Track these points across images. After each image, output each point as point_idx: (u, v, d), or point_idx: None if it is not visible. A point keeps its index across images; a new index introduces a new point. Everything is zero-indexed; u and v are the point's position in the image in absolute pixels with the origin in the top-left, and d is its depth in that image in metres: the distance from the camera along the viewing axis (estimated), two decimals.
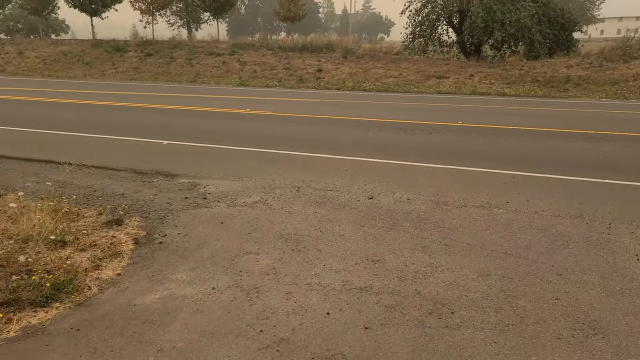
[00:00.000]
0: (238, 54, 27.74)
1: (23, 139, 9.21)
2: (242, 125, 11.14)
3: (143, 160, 7.75)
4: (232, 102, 15.72)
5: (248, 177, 6.88)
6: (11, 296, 3.32)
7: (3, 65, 29.21)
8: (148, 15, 34.67)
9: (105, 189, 6.35)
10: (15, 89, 18.06)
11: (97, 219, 5.14)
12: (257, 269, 4.03)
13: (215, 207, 5.67)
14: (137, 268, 4.07)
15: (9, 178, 6.72)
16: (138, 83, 23.03)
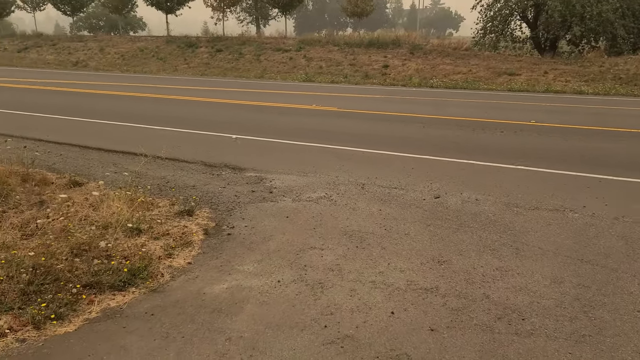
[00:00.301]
0: (304, 50, 27.98)
1: (103, 131, 9.75)
2: (308, 121, 11.24)
3: (213, 154, 7.99)
4: (298, 97, 15.89)
5: (313, 173, 6.94)
6: (93, 279, 3.53)
7: (86, 61, 31.06)
8: (219, 12, 35.68)
9: (177, 180, 6.61)
10: (97, 83, 19.16)
11: (169, 209, 5.36)
12: (321, 265, 4.06)
13: (280, 201, 5.76)
14: (207, 258, 4.21)
15: (91, 167, 7.15)
16: (208, 78, 23.78)
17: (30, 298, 3.23)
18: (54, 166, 7.11)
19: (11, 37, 38.81)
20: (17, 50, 34.66)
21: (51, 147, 8.22)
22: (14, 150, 7.26)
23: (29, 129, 9.51)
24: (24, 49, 34.71)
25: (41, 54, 33.53)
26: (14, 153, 7.09)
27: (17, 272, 3.46)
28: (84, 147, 8.35)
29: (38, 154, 7.60)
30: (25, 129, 9.46)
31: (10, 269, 3.51)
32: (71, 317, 3.15)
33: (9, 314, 3.06)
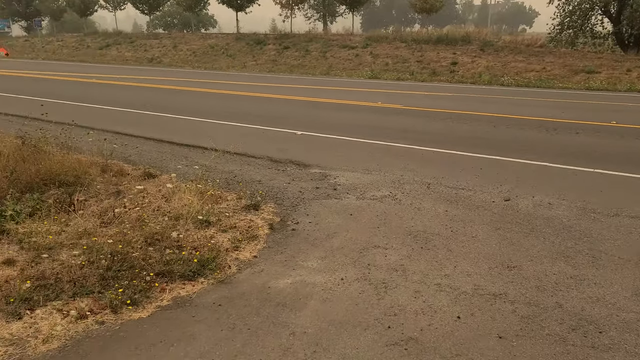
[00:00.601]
0: (371, 47, 27.82)
1: (175, 125, 10.15)
2: (373, 119, 11.17)
3: (278, 149, 8.12)
4: (363, 95, 15.83)
5: (377, 171, 6.89)
6: (165, 268, 3.69)
7: (160, 57, 32.46)
8: (287, 9, 36.17)
9: (244, 174, 6.77)
10: (170, 79, 19.96)
11: (237, 202, 5.50)
12: (385, 264, 4.03)
13: (344, 198, 5.76)
14: (272, 252, 4.28)
15: (164, 160, 7.46)
16: (275, 75, 24.18)
17: (108, 283, 3.42)
18: (130, 158, 7.48)
19: (94, 34, 41.21)
20: (98, 48, 36.75)
21: (128, 140, 8.66)
22: (95, 142, 7.71)
23: (109, 122, 10.05)
24: (105, 47, 36.75)
25: (120, 51, 35.37)
26: (95, 145, 7.52)
27: (97, 258, 3.67)
28: (158, 140, 8.72)
29: (116, 146, 8.02)
30: (105, 122, 10.01)
31: (91, 254, 3.73)
32: (145, 303, 3.31)
33: (90, 297, 3.26)
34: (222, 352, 2.82)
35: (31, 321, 2.98)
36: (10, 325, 2.93)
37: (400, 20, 64.63)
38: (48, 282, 3.36)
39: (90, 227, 4.52)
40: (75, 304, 3.16)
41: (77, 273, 3.48)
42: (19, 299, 3.12)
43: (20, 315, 3.00)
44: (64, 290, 3.29)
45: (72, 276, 3.43)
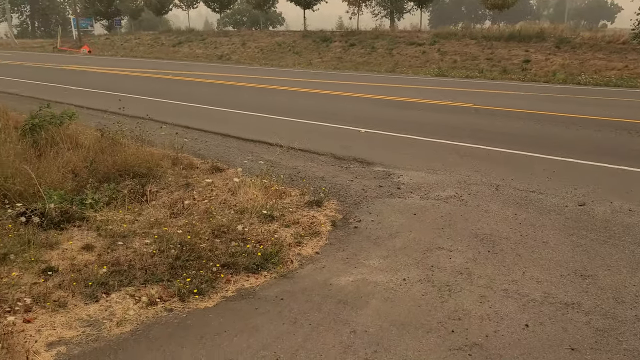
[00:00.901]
0: (439, 44, 27.23)
1: (242, 121, 10.40)
2: (439, 117, 10.93)
3: (342, 146, 8.12)
4: (429, 92, 15.53)
5: (442, 171, 6.74)
6: (230, 260, 3.79)
7: (229, 54, 33.35)
8: (354, 7, 36.08)
9: (308, 171, 6.82)
10: (238, 76, 20.48)
11: (300, 198, 5.55)
12: (449, 266, 3.93)
13: (408, 198, 5.67)
14: (334, 249, 4.29)
15: (230, 155, 7.66)
16: (340, 72, 24.20)
17: (177, 272, 3.55)
18: (199, 152, 7.73)
19: (168, 32, 42.95)
20: (172, 45, 38.28)
21: (198, 135, 8.96)
22: (167, 136, 8.04)
23: (180, 116, 10.44)
24: (177, 44, 38.22)
25: (192, 48, 36.66)
26: (167, 138, 7.85)
27: (167, 247, 3.83)
28: (225, 135, 8.96)
29: (186, 140, 8.32)
30: (177, 116, 10.41)
31: (162, 244, 3.89)
32: (210, 293, 3.41)
33: (160, 285, 3.40)
34: (284, 346, 2.86)
35: (106, 304, 3.15)
36: (88, 307, 3.11)
37: (470, 17, 62.75)
38: (122, 268, 3.53)
39: (161, 217, 4.72)
40: (147, 291, 3.31)
41: (148, 261, 3.64)
42: (96, 282, 3.31)
43: (97, 298, 3.18)
44: (136, 276, 3.45)
45: (143, 264, 3.60)
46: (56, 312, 3.01)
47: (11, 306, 2.96)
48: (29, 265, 3.46)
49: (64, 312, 3.03)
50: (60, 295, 3.18)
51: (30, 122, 7.29)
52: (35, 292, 3.14)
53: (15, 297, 3.06)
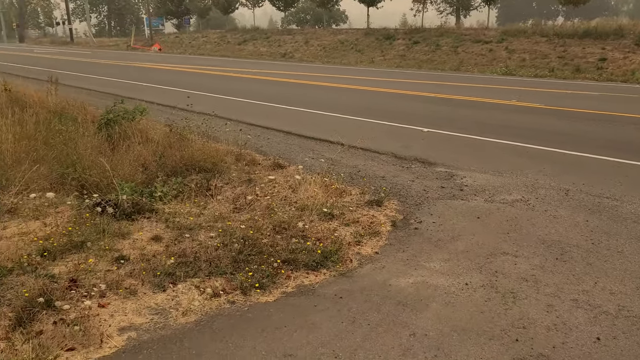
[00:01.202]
0: (507, 42, 26.30)
1: (303, 119, 10.50)
2: (505, 117, 10.57)
3: (403, 146, 8.03)
4: (495, 92, 15.05)
5: (508, 173, 6.52)
6: (290, 256, 3.84)
7: (292, 52, 33.75)
8: (419, 4, 35.54)
9: (368, 170, 6.80)
10: (301, 74, 20.68)
11: (360, 197, 5.54)
12: (514, 272, 3.80)
13: (471, 200, 5.53)
14: (393, 250, 4.26)
15: (292, 152, 7.76)
16: (402, 70, 23.91)
17: (239, 266, 3.65)
18: (261, 149, 7.88)
19: (234, 31, 44.03)
20: (237, 43, 39.21)
21: (260, 131, 9.13)
22: (231, 133, 8.26)
23: (244, 114, 10.69)
24: (242, 42, 39.11)
25: (256, 46, 37.40)
26: (231, 135, 8.06)
27: (230, 241, 3.93)
28: (287, 132, 9.09)
29: (250, 137, 8.51)
30: (241, 113, 10.66)
31: (225, 237, 4.01)
32: (271, 288, 3.48)
33: (223, 277, 3.51)
34: (343, 345, 2.87)
35: (173, 294, 3.28)
36: (156, 296, 3.26)
37: (541, 13, 60.13)
38: (188, 259, 3.67)
39: (224, 212, 4.86)
40: (211, 283, 3.43)
41: (212, 254, 3.76)
42: (164, 272, 3.45)
43: (165, 287, 3.33)
44: (201, 268, 3.58)
45: (208, 256, 3.72)
46: (127, 299, 3.18)
47: (88, 291, 3.15)
48: (103, 253, 3.66)
49: (134, 300, 3.19)
50: (131, 283, 3.34)
51: (106, 117, 7.71)
52: (109, 279, 3.33)
53: (91, 283, 3.26)
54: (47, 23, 69.84)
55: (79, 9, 63.34)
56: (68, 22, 54.11)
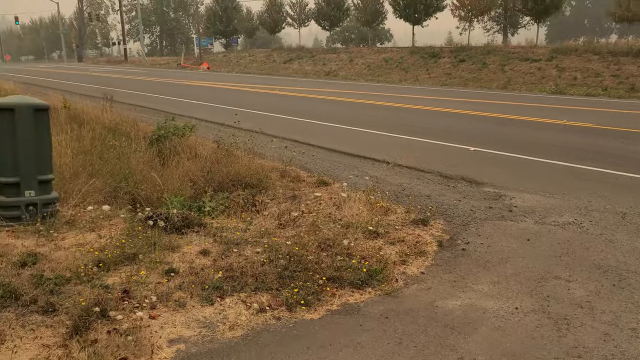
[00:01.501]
0: (557, 60, 25.67)
1: (347, 136, 10.54)
2: (557, 137, 10.27)
3: (449, 165, 7.92)
4: (545, 111, 14.66)
5: (559, 194, 6.31)
6: (335, 273, 3.83)
7: (337, 71, 34.05)
8: (465, 22, 35.25)
9: (413, 188, 6.74)
10: (345, 92, 20.81)
11: (405, 216, 5.49)
12: (567, 298, 3.66)
13: (521, 221, 5.39)
14: (440, 270, 4.18)
15: (335, 169, 7.78)
16: (448, 88, 23.68)
17: (285, 282, 3.67)
18: (305, 165, 7.95)
19: (279, 50, 44.90)
20: (282, 62, 39.94)
21: (305, 148, 9.22)
22: (277, 149, 8.39)
23: (289, 131, 10.83)
24: (288, 60, 39.80)
25: (301, 64, 37.97)
26: (276, 152, 8.19)
27: (276, 257, 3.97)
28: (331, 150, 9.14)
29: (295, 153, 8.61)
30: (286, 131, 10.80)
31: (271, 253, 4.04)
32: (316, 305, 3.47)
33: (269, 293, 3.53)
34: None
35: (220, 308, 3.33)
36: (204, 309, 3.32)
37: (593, 31, 58.35)
38: (235, 274, 3.72)
39: (269, 227, 4.92)
40: (257, 298, 3.46)
41: (258, 269, 3.80)
42: (212, 286, 3.51)
43: (212, 301, 3.38)
44: (247, 283, 3.62)
45: (254, 271, 3.76)
46: (176, 312, 3.25)
47: (139, 302, 3.24)
48: (154, 265, 3.76)
49: (183, 312, 3.25)
50: (180, 295, 3.42)
51: (157, 133, 7.99)
52: (159, 291, 3.41)
53: (142, 294, 3.35)
54: (103, 43, 73.35)
55: (134, 29, 66.26)
56: (123, 43, 56.62)
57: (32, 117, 4.62)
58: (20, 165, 4.57)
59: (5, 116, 4.53)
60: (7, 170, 4.57)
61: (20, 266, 3.64)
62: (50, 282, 3.34)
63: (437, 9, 34.20)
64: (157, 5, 69.53)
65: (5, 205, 4.58)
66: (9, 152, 4.55)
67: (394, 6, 35.05)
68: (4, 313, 3.04)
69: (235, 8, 51.59)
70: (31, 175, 4.62)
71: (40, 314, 3.05)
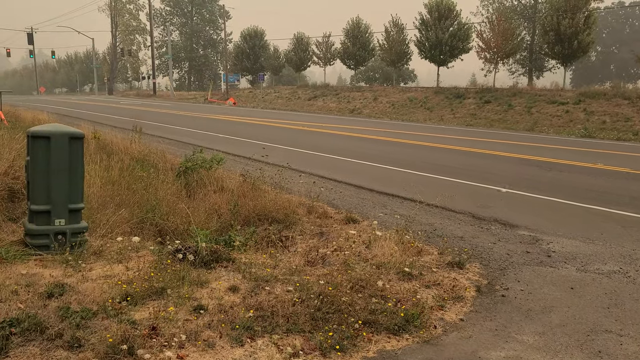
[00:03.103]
0: (584, 103, 25.39)
1: (374, 173, 10.41)
2: (591, 181, 9.98)
3: (481, 206, 7.71)
4: (577, 154, 14.37)
5: (600, 241, 6.04)
6: (370, 317, 3.64)
7: (361, 109, 34.25)
8: (491, 64, 35.35)
9: (445, 229, 6.53)
10: (368, 129, 20.80)
11: (438, 257, 5.29)
12: (621, 354, 3.40)
13: (561, 268, 5.13)
14: (480, 318, 3.96)
15: (364, 206, 7.63)
16: (473, 129, 23.52)
17: (317, 324, 3.48)
18: (333, 202, 7.82)
19: (304, 87, 45.54)
20: (307, 99, 40.42)
21: (332, 185, 9.11)
22: (304, 185, 8.30)
23: (316, 166, 10.76)
24: (312, 98, 40.27)
25: (325, 102, 38.36)
26: (303, 187, 8.10)
27: (307, 297, 3.79)
28: (359, 187, 9.00)
29: (322, 189, 8.51)
30: (313, 166, 10.73)
31: (302, 292, 3.87)
32: (352, 351, 3.27)
33: (302, 336, 3.35)
34: None
35: (251, 350, 3.15)
36: (234, 351, 3.14)
37: (620, 76, 57.93)
38: (265, 313, 3.55)
39: (298, 264, 4.75)
40: (289, 341, 3.28)
41: (290, 309, 3.63)
42: (242, 326, 3.35)
43: (242, 342, 3.21)
44: (279, 324, 3.44)
45: (285, 311, 3.59)
46: (205, 352, 3.08)
47: (167, 340, 3.09)
48: (182, 301, 3.62)
49: (213, 353, 3.09)
50: (209, 335, 3.26)
51: (185, 165, 7.99)
52: (187, 329, 3.26)
53: (170, 332, 3.20)
54: (134, 77, 75.53)
55: (164, 65, 68.16)
56: (152, 77, 58.21)
57: (67, 145, 4.62)
58: (52, 193, 4.54)
59: (40, 144, 4.54)
60: (40, 197, 4.54)
61: (47, 297, 3.53)
62: (76, 316, 3.22)
63: (462, 50, 34.42)
64: (187, 42, 71.61)
65: (35, 234, 4.53)
66: (43, 179, 4.53)
67: (420, 47, 35.39)
68: (29, 347, 2.91)
69: (262, 46, 52.78)
70: (62, 203, 4.58)
71: (66, 349, 2.92)
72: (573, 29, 27.78)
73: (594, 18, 29.16)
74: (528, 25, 42.67)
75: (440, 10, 33.65)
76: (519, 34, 35.14)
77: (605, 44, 65.52)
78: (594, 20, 29.02)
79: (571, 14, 28.00)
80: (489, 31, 33.49)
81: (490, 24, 33.95)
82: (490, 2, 45.35)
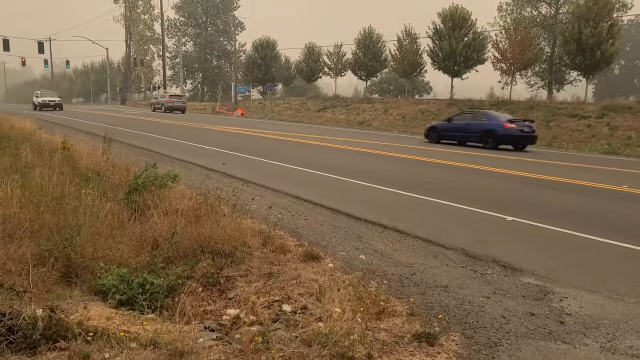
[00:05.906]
0: (607, 117, 23.59)
1: (361, 194, 8.91)
2: (616, 208, 8.34)
3: (479, 240, 6.17)
4: (600, 173, 12.69)
5: (632, 295, 4.49)
6: None
7: (370, 121, 32.81)
8: (507, 76, 33.64)
9: (426, 273, 5.04)
10: (376, 143, 19.32)
11: (406, 322, 3.79)
12: None
13: (579, 345, 3.59)
14: None
15: (333, 237, 6.17)
16: None
17: None
18: (298, 230, 6.40)
19: (314, 98, 44.26)
20: (316, 110, 39.15)
21: (304, 207, 7.65)
22: (275, 208, 6.94)
23: (296, 185, 9.29)
24: (322, 109, 38.97)
25: (334, 113, 37.02)
26: (273, 210, 6.79)
27: None
28: (336, 210, 7.52)
29: (290, 213, 7.08)
30: (294, 185, 9.27)
31: None
32: None
33: None
34: None
35: None
36: None
37: None
38: None
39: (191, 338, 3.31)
40: None
41: None
42: None
43: None
44: None
45: None
46: None
47: None
48: None
49: None
50: None
51: (135, 182, 6.66)
52: None
53: None
54: (147, 87, 75.32)
55: (177, 75, 67.60)
56: (164, 87, 57.58)
57: None
58: None
59: None
60: None
61: None
62: None
63: (477, 61, 32.78)
64: (200, 53, 70.99)
65: None
66: None
67: (433, 58, 33.87)
68: None
69: (274, 57, 51.76)
70: None
71: None
72: (595, 38, 26.01)
73: (618, 27, 27.34)
74: (548, 36, 40.90)
75: (455, 20, 32.19)
76: (537, 44, 33.44)
77: (629, 58, 63.16)
78: (618, 29, 27.19)
79: (594, 23, 26.25)
80: (505, 41, 31.85)
81: (507, 33, 32.30)
82: (508, 12, 43.69)
